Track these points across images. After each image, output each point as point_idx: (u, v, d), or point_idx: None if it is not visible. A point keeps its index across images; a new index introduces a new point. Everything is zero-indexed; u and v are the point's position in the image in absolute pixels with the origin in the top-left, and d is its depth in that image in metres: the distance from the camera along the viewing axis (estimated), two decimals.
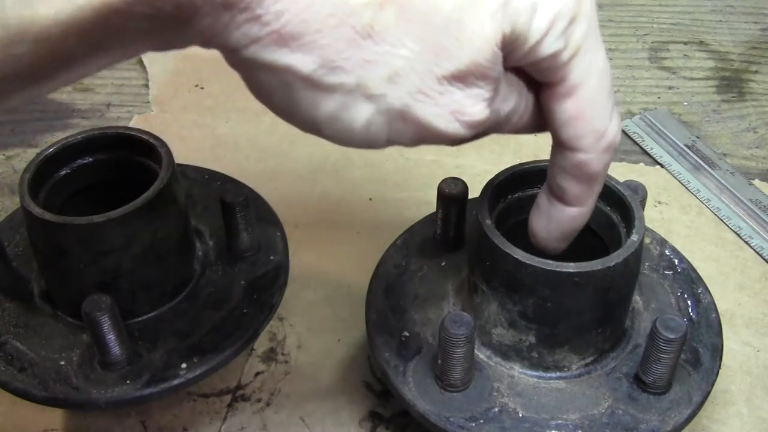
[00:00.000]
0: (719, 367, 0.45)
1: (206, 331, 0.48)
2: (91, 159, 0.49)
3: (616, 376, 0.44)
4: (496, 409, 0.43)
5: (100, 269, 0.46)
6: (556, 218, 0.39)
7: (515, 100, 0.35)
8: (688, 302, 0.48)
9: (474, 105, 0.32)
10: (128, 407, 0.51)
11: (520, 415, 0.42)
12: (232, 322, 0.48)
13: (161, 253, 0.47)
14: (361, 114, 0.31)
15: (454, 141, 0.34)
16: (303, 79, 0.30)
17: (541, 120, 0.37)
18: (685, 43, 0.89)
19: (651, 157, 0.72)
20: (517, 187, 0.46)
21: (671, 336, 0.40)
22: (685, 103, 0.80)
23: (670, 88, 0.82)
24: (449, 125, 0.32)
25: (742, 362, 0.54)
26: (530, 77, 0.35)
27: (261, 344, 0.56)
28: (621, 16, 0.95)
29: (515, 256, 0.41)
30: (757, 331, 0.56)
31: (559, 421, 0.42)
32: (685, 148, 0.72)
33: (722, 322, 0.48)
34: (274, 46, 0.29)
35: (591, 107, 0.34)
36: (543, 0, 0.31)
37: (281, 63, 0.29)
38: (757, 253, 0.62)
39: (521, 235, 0.44)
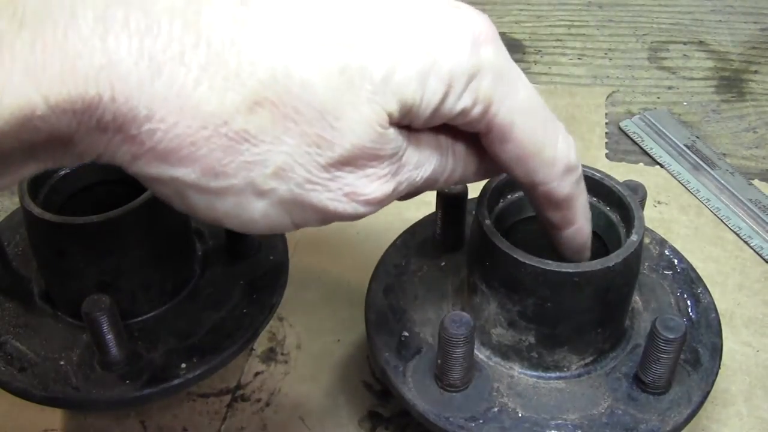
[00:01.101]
0: (719, 367, 0.45)
1: (206, 331, 0.48)
2: None
3: (616, 376, 0.44)
4: (496, 409, 0.43)
5: (100, 269, 0.46)
6: (561, 241, 0.40)
7: (435, 162, 0.34)
8: (688, 302, 0.48)
9: (368, 185, 0.32)
10: (128, 407, 0.51)
11: (520, 415, 0.42)
12: (232, 322, 0.48)
13: (161, 253, 0.48)
14: (256, 209, 0.31)
15: (363, 216, 0.33)
16: (191, 187, 0.30)
17: (489, 165, 0.36)
18: (685, 43, 0.89)
19: (651, 157, 0.72)
20: (517, 187, 0.46)
21: (671, 336, 0.40)
22: (685, 103, 0.80)
23: (670, 88, 0.82)
24: (347, 207, 0.32)
25: (741, 362, 0.54)
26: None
27: (261, 344, 0.56)
28: (621, 16, 0.95)
29: (515, 256, 0.41)
30: (757, 331, 0.56)
31: (559, 421, 0.42)
32: (685, 148, 0.72)
33: (722, 322, 0.47)
34: (155, 162, 0.29)
35: (531, 143, 0.34)
36: (434, 64, 0.30)
37: (166, 176, 0.29)
38: (757, 253, 0.62)
39: (521, 235, 0.44)
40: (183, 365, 0.45)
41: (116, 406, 0.45)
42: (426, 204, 0.52)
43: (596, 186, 0.45)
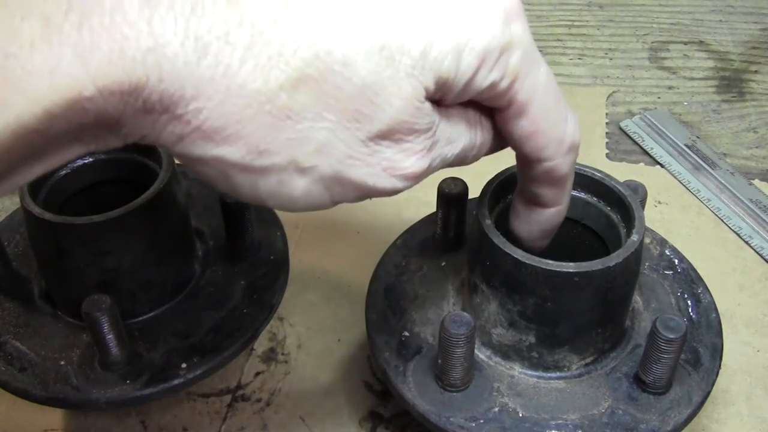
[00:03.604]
0: (719, 367, 0.45)
1: (206, 331, 0.48)
2: (91, 159, 0.50)
3: (616, 376, 0.44)
4: (496, 409, 0.43)
5: (100, 269, 0.46)
6: (536, 220, 0.41)
7: (465, 138, 0.35)
8: (688, 302, 0.48)
9: (406, 159, 0.33)
10: (128, 407, 0.51)
11: (520, 414, 0.42)
12: (232, 322, 0.48)
13: (161, 253, 0.47)
14: (298, 186, 0.32)
15: (400, 191, 0.34)
16: (235, 166, 0.30)
17: (501, 141, 0.37)
18: (685, 43, 0.89)
19: (651, 157, 0.72)
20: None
21: (671, 336, 0.40)
22: (685, 103, 0.80)
23: (670, 88, 0.82)
24: (385, 182, 0.33)
25: (742, 362, 0.54)
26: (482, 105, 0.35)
27: (261, 344, 0.56)
28: (621, 16, 0.95)
29: (515, 256, 0.41)
30: (757, 331, 0.56)
31: (559, 421, 0.42)
32: (685, 148, 0.72)
33: (722, 322, 0.47)
34: (200, 141, 0.29)
35: (545, 120, 0.35)
36: (469, 39, 0.31)
37: (210, 155, 0.30)
38: (757, 253, 0.62)
39: None
40: (183, 365, 0.45)
41: (116, 405, 0.45)
42: (426, 204, 0.52)
43: (597, 186, 0.45)
